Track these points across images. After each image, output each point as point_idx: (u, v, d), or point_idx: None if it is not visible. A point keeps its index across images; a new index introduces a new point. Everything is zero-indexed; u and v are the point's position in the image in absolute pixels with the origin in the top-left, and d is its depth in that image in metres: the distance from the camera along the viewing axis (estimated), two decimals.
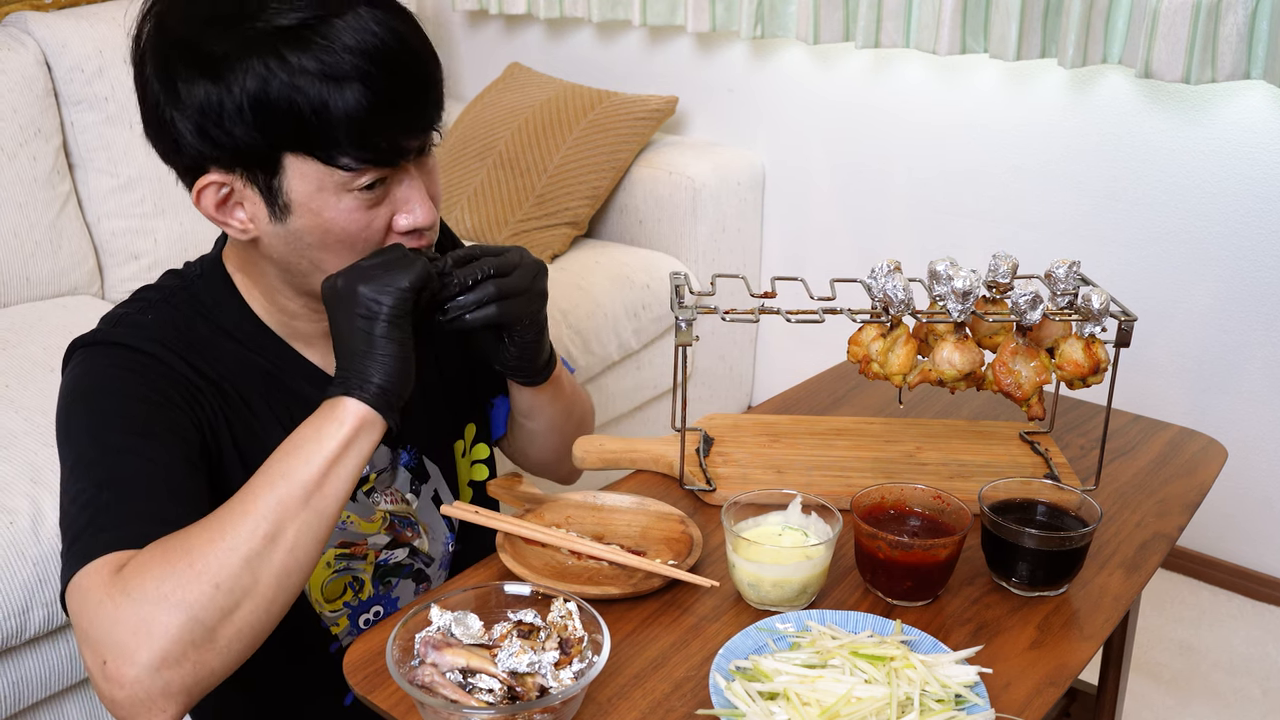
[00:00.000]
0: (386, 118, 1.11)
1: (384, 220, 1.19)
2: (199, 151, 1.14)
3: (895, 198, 2.89)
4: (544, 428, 1.51)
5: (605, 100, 2.98)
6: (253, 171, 1.13)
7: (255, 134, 1.10)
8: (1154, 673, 2.38)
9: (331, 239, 1.17)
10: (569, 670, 1.04)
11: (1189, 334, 2.54)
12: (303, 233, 1.16)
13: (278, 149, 1.11)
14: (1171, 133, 2.45)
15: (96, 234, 2.55)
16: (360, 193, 1.14)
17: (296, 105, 1.08)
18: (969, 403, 1.72)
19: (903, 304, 1.31)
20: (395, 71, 1.11)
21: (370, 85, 1.09)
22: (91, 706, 1.85)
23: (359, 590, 1.38)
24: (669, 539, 1.33)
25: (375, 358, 1.13)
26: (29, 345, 2.13)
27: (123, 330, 1.23)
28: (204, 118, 1.11)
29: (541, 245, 2.84)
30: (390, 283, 1.13)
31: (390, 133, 1.13)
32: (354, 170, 1.12)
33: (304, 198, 1.14)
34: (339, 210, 1.15)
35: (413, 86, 1.14)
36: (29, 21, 2.47)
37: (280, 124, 1.09)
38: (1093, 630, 1.21)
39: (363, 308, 1.12)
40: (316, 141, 1.10)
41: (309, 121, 1.09)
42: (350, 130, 1.10)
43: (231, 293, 1.29)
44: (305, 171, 1.12)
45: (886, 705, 1.02)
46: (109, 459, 1.13)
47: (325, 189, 1.13)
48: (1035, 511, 1.31)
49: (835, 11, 2.71)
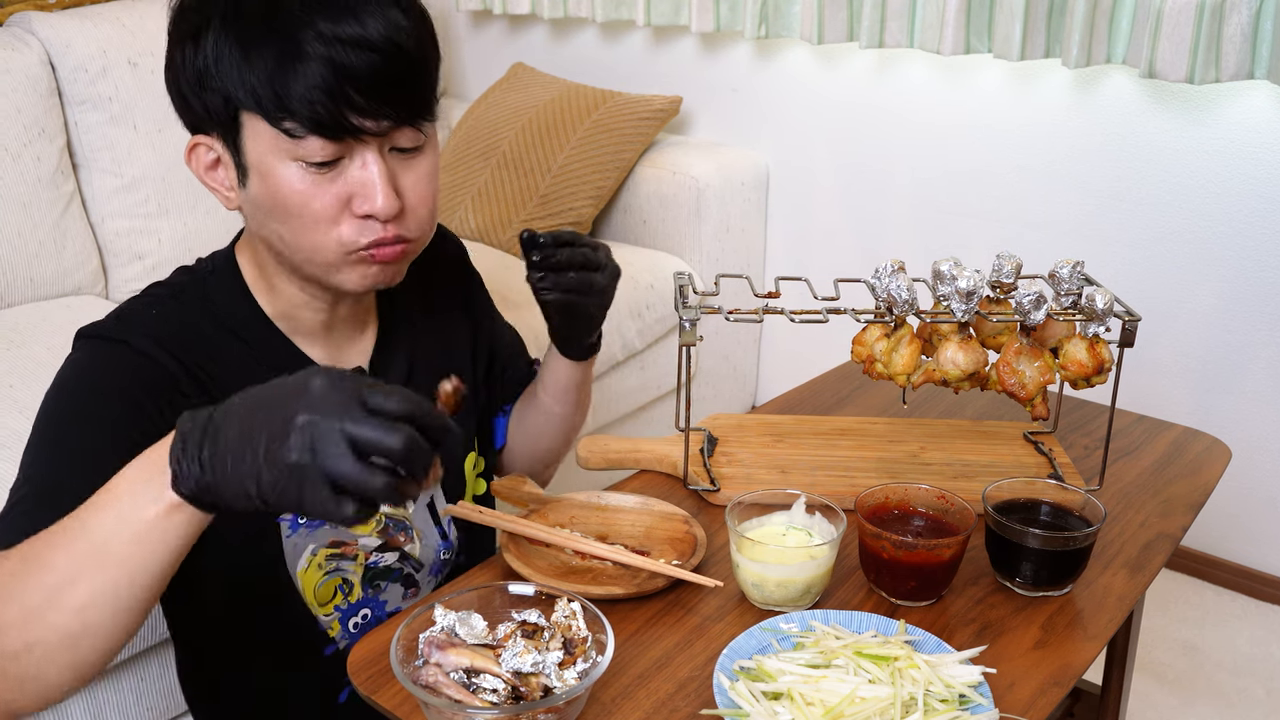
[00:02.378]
0: (335, 89, 1.11)
1: (334, 199, 1.17)
2: (186, 111, 1.20)
3: (899, 198, 2.89)
4: (563, 412, 1.54)
5: (609, 100, 2.98)
6: (224, 132, 1.17)
7: (214, 92, 1.14)
8: (1158, 673, 2.38)
9: (279, 207, 1.17)
10: (573, 670, 1.04)
11: (1193, 334, 2.54)
12: (259, 199, 1.18)
13: (234, 105, 1.14)
14: (1175, 133, 2.44)
15: (100, 234, 2.55)
16: (308, 165, 1.15)
17: (247, 65, 1.11)
18: (973, 403, 1.72)
19: (907, 304, 1.31)
20: (353, 46, 1.11)
21: (330, 55, 1.10)
22: (95, 707, 1.85)
23: (348, 593, 1.37)
24: (673, 539, 1.33)
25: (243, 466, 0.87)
26: (33, 345, 2.13)
27: (125, 326, 1.24)
28: (181, 78, 1.17)
29: None
30: (331, 473, 0.85)
31: (339, 106, 1.11)
32: (297, 136, 1.13)
33: (257, 159, 1.16)
34: (284, 176, 1.15)
35: (373, 65, 1.12)
36: (33, 21, 2.47)
37: (232, 82, 1.12)
38: (1097, 630, 1.21)
39: (290, 437, 0.85)
40: (263, 101, 1.12)
41: (260, 81, 1.11)
42: (295, 94, 1.10)
43: (240, 287, 1.30)
44: (259, 132, 1.14)
45: (890, 705, 1.02)
46: (53, 462, 1.15)
47: (276, 152, 1.15)
48: (1039, 511, 1.31)
49: (839, 11, 2.70)
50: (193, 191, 2.59)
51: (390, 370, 1.39)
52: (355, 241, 1.19)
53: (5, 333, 2.18)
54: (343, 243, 1.19)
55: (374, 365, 1.38)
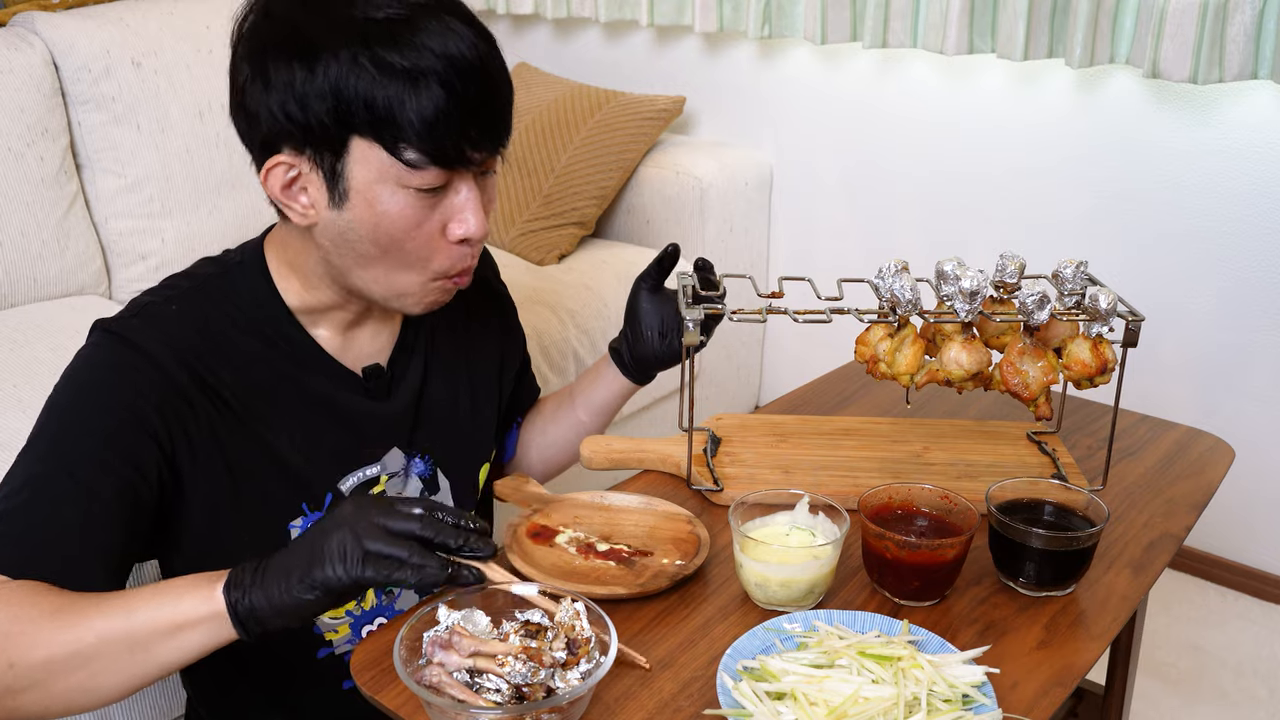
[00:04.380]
0: (457, 123, 1.14)
1: (435, 228, 1.20)
2: (275, 128, 1.16)
3: (902, 197, 2.89)
4: (597, 428, 1.61)
5: (612, 100, 2.98)
6: (320, 153, 1.16)
7: (330, 114, 1.13)
8: (1161, 673, 2.37)
9: (381, 234, 1.18)
10: (576, 670, 1.04)
11: (1197, 334, 2.54)
12: (355, 223, 1.18)
13: (348, 130, 1.14)
14: (1179, 133, 2.44)
15: (103, 234, 2.55)
16: (416, 192, 1.17)
17: (374, 93, 1.12)
18: (976, 403, 1.72)
19: (910, 304, 1.31)
20: (473, 82, 1.14)
21: (447, 88, 1.12)
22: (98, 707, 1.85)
23: (361, 599, 1.38)
24: (676, 539, 1.34)
25: (288, 581, 1.05)
26: (36, 345, 2.13)
27: (139, 323, 1.24)
28: (287, 96, 1.14)
29: (549, 245, 2.84)
30: (382, 549, 1.04)
31: (458, 139, 1.15)
32: (416, 167, 1.15)
33: (363, 185, 1.16)
34: (392, 203, 1.17)
35: (487, 101, 1.17)
36: (36, 21, 2.47)
37: (356, 108, 1.12)
38: (1100, 630, 1.21)
39: (339, 545, 1.04)
40: (386, 129, 1.13)
41: (382, 109, 1.12)
42: (421, 126, 1.13)
43: (266, 282, 1.31)
44: (369, 158, 1.15)
45: (894, 705, 1.02)
46: (52, 463, 1.17)
47: (385, 179, 1.16)
48: (1042, 511, 1.31)
49: (842, 11, 2.70)
50: (195, 192, 2.60)
51: (407, 371, 1.40)
52: (449, 269, 1.24)
53: (8, 332, 2.19)
54: (437, 270, 1.24)
55: (392, 363, 1.39)
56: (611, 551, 1.31)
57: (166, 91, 2.54)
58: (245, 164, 2.64)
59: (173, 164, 2.56)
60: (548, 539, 1.34)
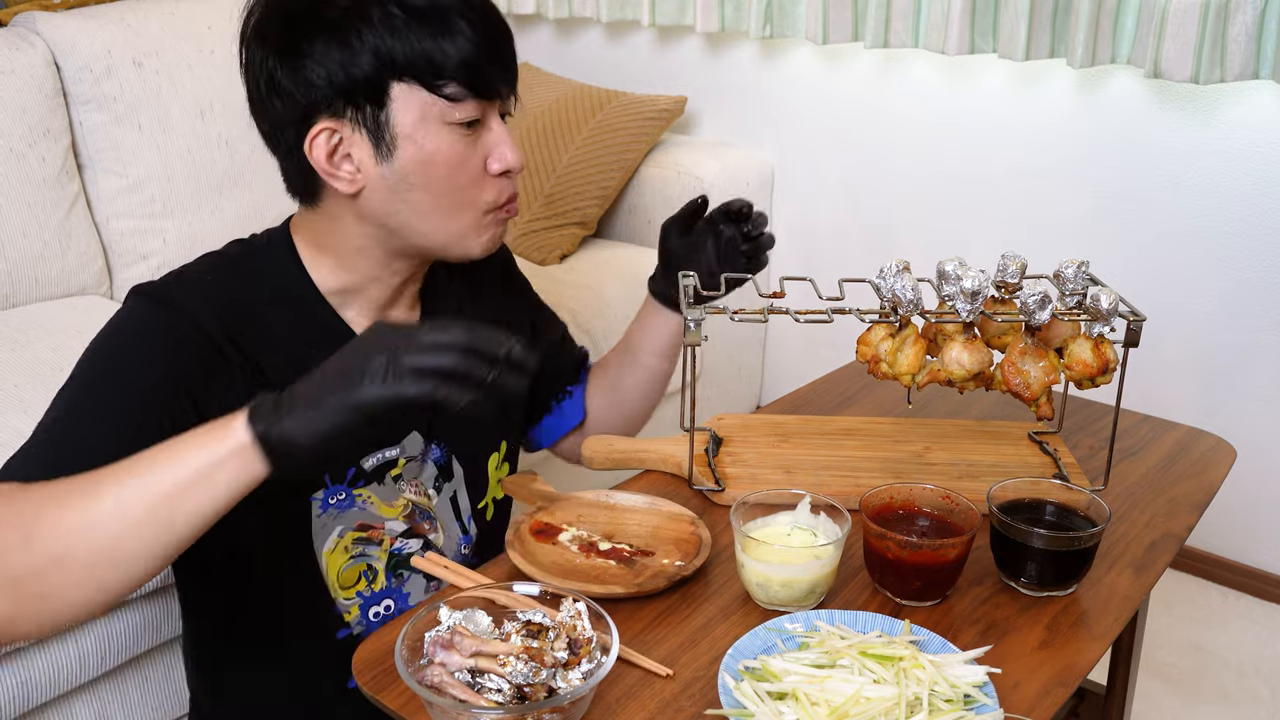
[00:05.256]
0: (485, 55, 1.23)
1: (477, 165, 1.28)
2: (313, 98, 1.21)
3: (903, 198, 2.89)
4: (666, 367, 1.65)
5: (614, 100, 2.98)
6: (362, 109, 1.22)
7: (372, 66, 1.20)
8: (1163, 673, 2.37)
9: (433, 175, 1.25)
10: (577, 671, 1.04)
11: (1198, 334, 2.54)
12: (407, 171, 1.24)
13: (387, 76, 1.21)
14: (1180, 133, 2.44)
15: (105, 234, 2.55)
16: (458, 129, 1.24)
17: (410, 37, 1.20)
18: (978, 403, 1.72)
19: (911, 304, 1.31)
20: (490, 21, 1.25)
21: (474, 27, 1.22)
22: (100, 707, 1.85)
23: (372, 580, 1.40)
24: (679, 539, 1.34)
25: (321, 407, 1.00)
26: (38, 345, 2.13)
27: (177, 287, 1.27)
28: (326, 62, 1.20)
29: (550, 245, 2.84)
30: (423, 361, 1.00)
31: (489, 71, 1.24)
32: (456, 99, 1.23)
33: (409, 128, 1.23)
34: (440, 141, 1.24)
35: (503, 36, 1.28)
36: (37, 21, 2.47)
37: (396, 55, 1.20)
38: (1101, 630, 1.21)
39: (377, 364, 1.00)
40: (426, 69, 1.21)
41: (420, 51, 1.20)
42: (458, 60, 1.21)
43: (295, 262, 1.33)
44: (409, 102, 1.22)
45: (895, 705, 1.02)
46: (81, 413, 1.18)
47: (428, 119, 1.23)
48: (1044, 511, 1.31)
49: (844, 11, 2.70)
50: (197, 192, 2.60)
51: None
52: (497, 199, 1.31)
53: (10, 333, 2.19)
54: (487, 203, 1.30)
55: None
56: (613, 551, 1.31)
57: (168, 91, 2.54)
58: (247, 163, 2.67)
59: (174, 164, 2.56)
60: (551, 537, 1.34)
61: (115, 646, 1.80)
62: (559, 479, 1.67)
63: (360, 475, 1.37)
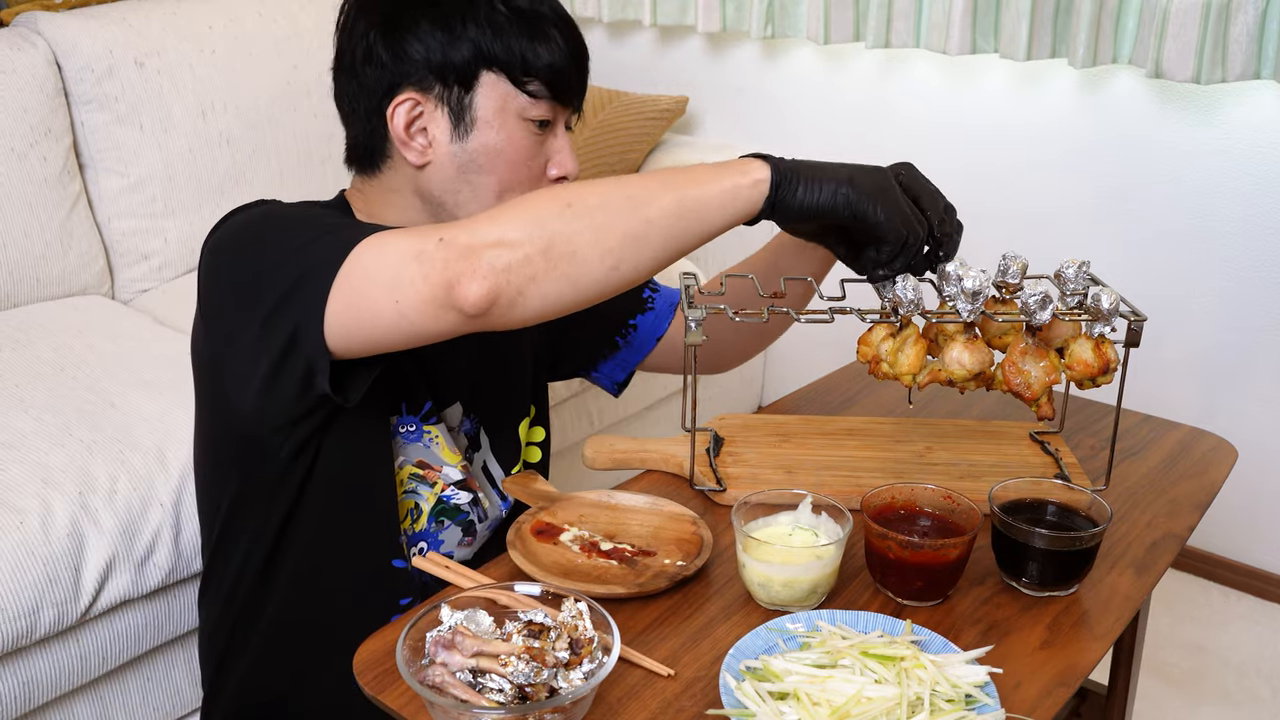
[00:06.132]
0: (569, 63, 1.35)
1: (539, 166, 1.37)
2: (406, 70, 1.31)
3: None
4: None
5: (615, 100, 2.98)
6: (450, 87, 1.32)
7: (472, 53, 1.31)
8: (1164, 673, 2.37)
9: (501, 161, 1.33)
10: (579, 671, 1.04)
11: (1199, 334, 2.54)
12: (477, 153, 1.33)
13: (481, 65, 1.31)
14: (1182, 133, 2.44)
15: (106, 234, 2.55)
16: (531, 125, 1.34)
17: (509, 35, 1.31)
18: (979, 403, 1.72)
19: (912, 304, 1.31)
20: (578, 39, 1.39)
21: (565, 39, 1.36)
22: (101, 707, 1.85)
23: (415, 519, 1.43)
24: (680, 540, 1.33)
25: (824, 185, 1.22)
26: (39, 345, 2.13)
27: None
28: (430, 42, 1.31)
29: None
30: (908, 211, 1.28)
31: (570, 78, 1.36)
32: (537, 97, 1.33)
33: (489, 114, 1.32)
34: (514, 132, 1.33)
35: (585, 55, 1.40)
36: (39, 21, 2.47)
37: (496, 49, 1.31)
38: (1103, 630, 1.21)
39: (891, 183, 1.30)
40: (517, 65, 1.32)
41: (517, 49, 1.31)
42: (547, 63, 1.33)
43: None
44: (494, 91, 1.32)
45: (897, 705, 1.02)
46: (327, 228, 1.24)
47: (507, 110, 1.33)
48: (1045, 511, 1.31)
49: (845, 11, 2.70)
50: (198, 191, 2.60)
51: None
52: None
53: (11, 333, 2.19)
54: None
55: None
56: (615, 551, 1.31)
57: (169, 91, 2.54)
58: (248, 163, 2.67)
59: (175, 164, 2.56)
60: (552, 537, 1.34)
61: (116, 647, 1.80)
62: (560, 479, 1.67)
63: (434, 411, 1.43)
